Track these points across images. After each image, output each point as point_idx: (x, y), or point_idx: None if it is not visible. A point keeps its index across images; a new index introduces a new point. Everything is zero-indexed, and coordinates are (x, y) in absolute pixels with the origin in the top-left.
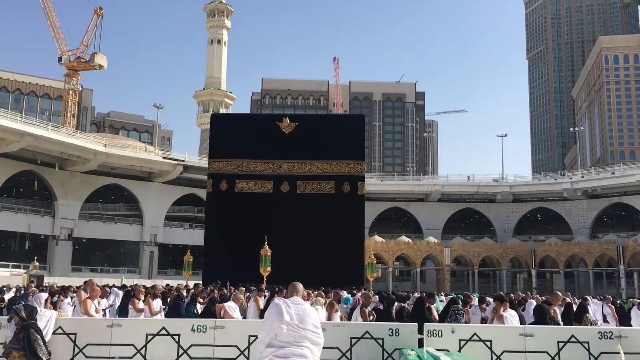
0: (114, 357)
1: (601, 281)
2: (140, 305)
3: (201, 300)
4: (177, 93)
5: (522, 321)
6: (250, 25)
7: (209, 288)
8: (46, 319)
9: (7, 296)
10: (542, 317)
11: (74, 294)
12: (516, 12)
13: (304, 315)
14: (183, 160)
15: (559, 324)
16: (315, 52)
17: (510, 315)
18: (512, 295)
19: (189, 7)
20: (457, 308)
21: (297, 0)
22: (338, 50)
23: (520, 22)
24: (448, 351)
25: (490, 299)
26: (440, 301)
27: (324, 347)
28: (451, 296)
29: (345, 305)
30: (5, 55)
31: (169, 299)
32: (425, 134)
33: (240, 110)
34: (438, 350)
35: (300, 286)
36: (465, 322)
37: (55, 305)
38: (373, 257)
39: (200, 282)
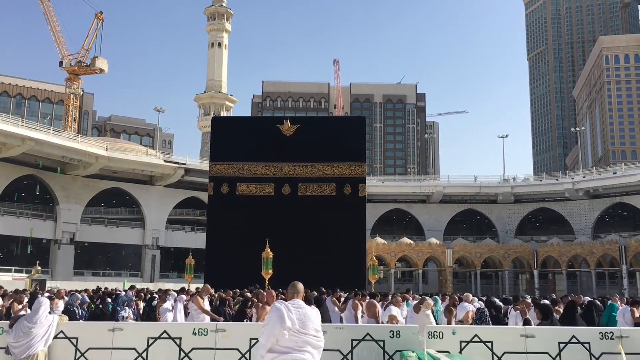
0: None
1: (604, 281)
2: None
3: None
4: (177, 96)
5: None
6: (251, 28)
7: (249, 291)
8: (47, 323)
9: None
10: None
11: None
12: (516, 12)
13: (306, 320)
14: (184, 164)
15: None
16: (316, 54)
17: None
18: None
19: (189, 10)
20: (482, 309)
21: (297, 2)
22: (338, 52)
23: (521, 22)
24: (449, 352)
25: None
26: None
27: (325, 350)
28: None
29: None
30: (6, 60)
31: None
32: (426, 136)
33: (241, 112)
34: (439, 351)
35: (301, 287)
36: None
37: (155, 310)
38: (375, 258)
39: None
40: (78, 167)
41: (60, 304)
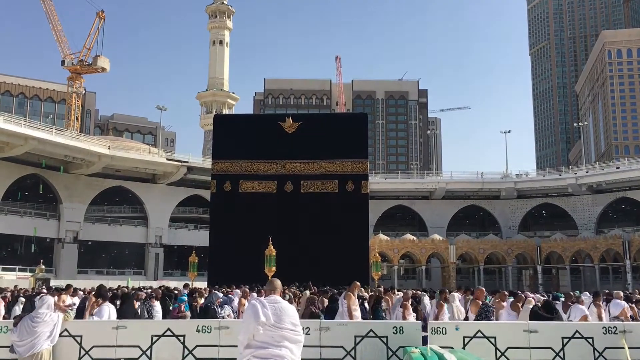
0: (119, 359)
1: (607, 276)
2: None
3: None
4: (180, 94)
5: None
6: (252, 26)
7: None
8: (52, 322)
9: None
10: None
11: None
12: (518, 7)
13: (281, 314)
14: (187, 162)
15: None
16: (318, 51)
17: None
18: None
19: (190, 8)
20: (487, 305)
21: None
22: (340, 49)
23: (523, 17)
24: (452, 348)
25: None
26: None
27: (328, 346)
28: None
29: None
30: (9, 60)
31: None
32: (428, 132)
33: (243, 110)
34: (442, 347)
35: (278, 283)
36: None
37: None
38: (378, 255)
39: (206, 283)
40: (81, 166)
41: (157, 305)
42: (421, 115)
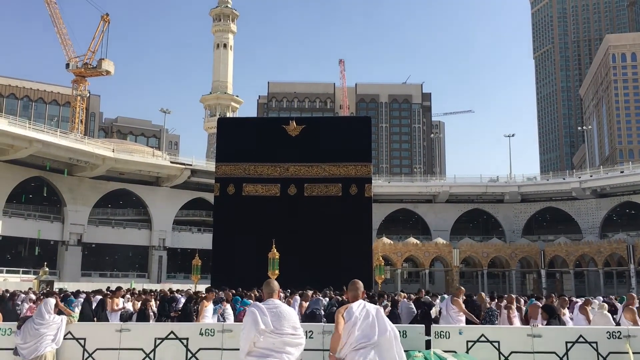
0: None
1: (611, 281)
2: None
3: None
4: (183, 97)
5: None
6: (256, 29)
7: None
8: (57, 325)
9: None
10: None
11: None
12: (522, 11)
13: (281, 319)
14: (190, 165)
15: None
16: (321, 54)
17: None
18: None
19: (194, 11)
20: (491, 309)
21: (302, 3)
22: (344, 53)
23: (526, 21)
24: (455, 352)
25: None
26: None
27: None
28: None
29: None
30: (14, 63)
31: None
32: (432, 135)
33: (246, 113)
34: (445, 351)
35: (275, 285)
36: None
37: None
38: (381, 259)
39: (209, 286)
40: (85, 168)
41: (229, 308)
42: (425, 119)
